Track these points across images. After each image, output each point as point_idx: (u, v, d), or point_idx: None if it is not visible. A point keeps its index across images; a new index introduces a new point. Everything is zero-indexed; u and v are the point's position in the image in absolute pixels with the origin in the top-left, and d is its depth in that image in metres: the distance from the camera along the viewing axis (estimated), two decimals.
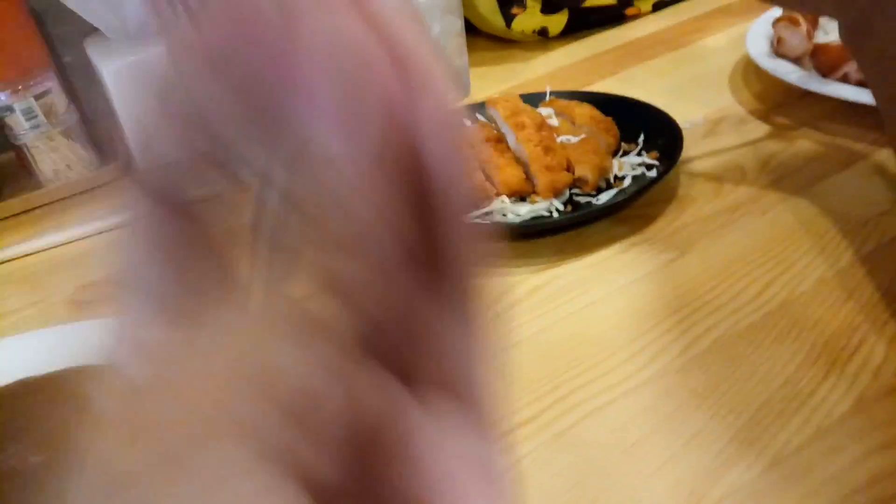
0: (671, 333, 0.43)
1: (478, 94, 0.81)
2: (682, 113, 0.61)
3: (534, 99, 0.66)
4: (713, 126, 0.65)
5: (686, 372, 0.40)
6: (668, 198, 0.55)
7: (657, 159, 0.56)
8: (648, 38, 0.88)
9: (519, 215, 0.53)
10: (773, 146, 0.60)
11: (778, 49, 0.66)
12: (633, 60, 0.82)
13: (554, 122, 0.59)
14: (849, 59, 0.59)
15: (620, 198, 0.53)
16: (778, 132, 0.62)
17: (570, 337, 0.44)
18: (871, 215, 0.49)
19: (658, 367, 0.41)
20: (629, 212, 0.54)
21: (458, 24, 0.77)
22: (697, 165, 0.59)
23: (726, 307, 0.44)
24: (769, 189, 0.54)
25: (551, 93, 0.68)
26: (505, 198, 0.54)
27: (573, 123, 0.60)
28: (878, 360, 0.39)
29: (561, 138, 0.57)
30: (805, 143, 0.59)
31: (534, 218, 0.53)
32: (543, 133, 0.56)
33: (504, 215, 0.53)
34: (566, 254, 0.51)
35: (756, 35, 0.72)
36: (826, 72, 0.61)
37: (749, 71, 0.73)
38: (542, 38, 0.94)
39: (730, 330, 0.43)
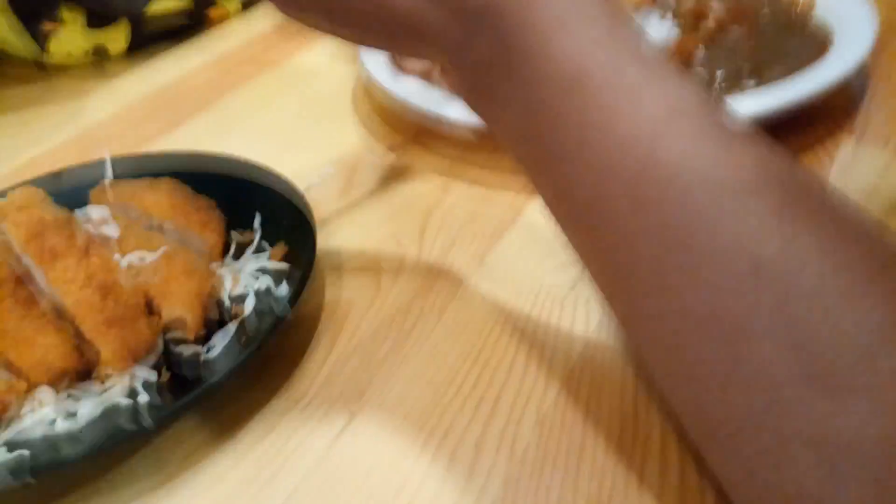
0: None
1: (4, 164, 0.54)
2: (306, 162, 0.45)
3: (81, 183, 0.43)
4: (348, 177, 0.49)
5: None
6: (312, 316, 0.38)
7: (286, 257, 0.38)
8: (243, 51, 0.69)
9: (75, 419, 0.31)
10: (429, 198, 0.46)
11: (402, 65, 0.53)
12: (227, 85, 0.63)
13: (111, 231, 0.37)
14: None
15: (246, 348, 0.34)
16: (429, 175, 0.48)
17: None
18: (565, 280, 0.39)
19: None
20: (261, 355, 0.35)
21: None
22: (340, 245, 0.43)
23: None
24: (439, 268, 0.40)
25: (113, 164, 0.45)
26: (46, 390, 0.32)
27: (149, 223, 0.39)
28: None
29: (126, 260, 0.36)
30: (464, 189, 0.46)
31: (105, 414, 0.31)
32: (94, 260, 0.34)
33: (52, 422, 0.31)
34: (169, 472, 0.31)
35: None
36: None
37: (377, 89, 0.59)
38: (99, 59, 0.69)
39: None
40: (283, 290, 0.36)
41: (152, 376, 0.33)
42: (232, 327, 0.35)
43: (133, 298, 0.34)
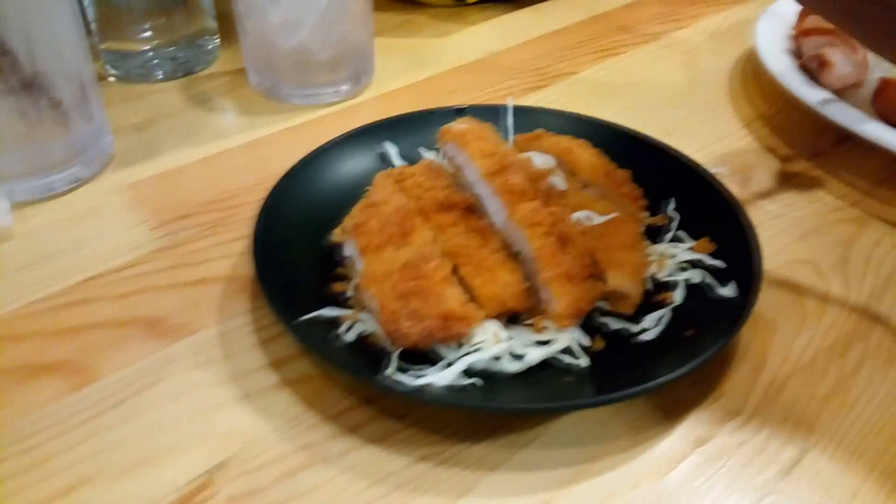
0: None
1: (382, 82, 0.56)
2: (691, 152, 0.42)
3: (492, 116, 0.42)
4: (742, 179, 0.46)
5: None
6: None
7: (714, 254, 0.36)
8: (616, 18, 0.67)
9: (520, 361, 0.31)
10: (844, 228, 0.42)
11: (820, 76, 0.48)
12: (590, 53, 0.61)
13: (559, 182, 0.36)
14: None
15: (689, 342, 0.31)
16: (835, 200, 0.44)
17: None
18: None
19: None
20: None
21: None
22: None
23: None
24: (875, 311, 0.36)
25: (516, 109, 0.45)
26: (495, 325, 0.31)
27: (577, 180, 0.38)
28: None
29: (577, 216, 0.35)
30: (886, 230, 0.42)
31: (546, 369, 0.31)
32: (554, 209, 0.33)
33: (497, 359, 0.31)
34: (605, 446, 0.30)
35: (767, 39, 0.53)
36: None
37: (759, 84, 0.55)
38: (457, 4, 0.69)
39: None
40: (731, 291, 0.33)
41: (585, 340, 0.32)
42: (665, 314, 0.33)
43: (583, 257, 0.33)
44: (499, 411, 0.30)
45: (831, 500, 0.28)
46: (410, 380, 0.29)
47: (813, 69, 0.49)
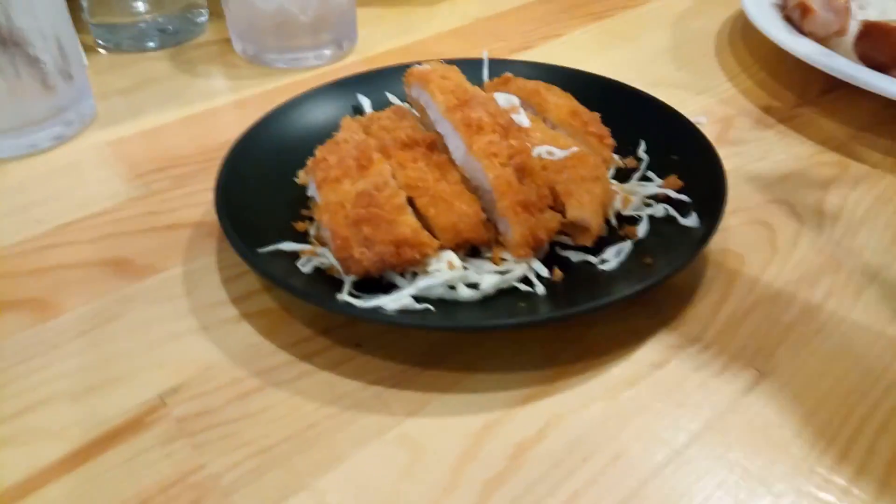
0: None
1: (367, 48, 0.56)
2: (673, 104, 0.41)
3: (469, 70, 0.42)
4: (723, 127, 0.45)
5: None
6: (701, 259, 0.35)
7: (682, 191, 0.36)
8: None
9: (477, 287, 0.31)
10: (823, 170, 0.41)
11: (803, 23, 0.48)
12: (578, 17, 0.61)
13: (523, 119, 0.36)
14: None
15: (647, 270, 0.31)
16: (817, 145, 0.43)
17: None
18: None
19: None
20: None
21: None
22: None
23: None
24: (844, 245, 0.36)
25: (492, 62, 0.45)
26: (451, 254, 0.31)
27: (545, 121, 0.38)
28: None
29: (539, 150, 0.35)
30: (866, 171, 0.41)
31: (503, 297, 0.31)
32: (513, 142, 0.33)
33: (452, 287, 0.31)
34: (559, 370, 0.30)
35: None
36: (883, 63, 0.43)
37: (746, 42, 0.55)
38: None
39: None
40: (692, 221, 0.33)
41: (543, 270, 0.32)
42: (626, 247, 0.33)
43: (543, 189, 0.32)
44: (447, 329, 0.30)
45: (786, 422, 0.27)
46: (362, 304, 0.29)
47: (795, 18, 0.48)
